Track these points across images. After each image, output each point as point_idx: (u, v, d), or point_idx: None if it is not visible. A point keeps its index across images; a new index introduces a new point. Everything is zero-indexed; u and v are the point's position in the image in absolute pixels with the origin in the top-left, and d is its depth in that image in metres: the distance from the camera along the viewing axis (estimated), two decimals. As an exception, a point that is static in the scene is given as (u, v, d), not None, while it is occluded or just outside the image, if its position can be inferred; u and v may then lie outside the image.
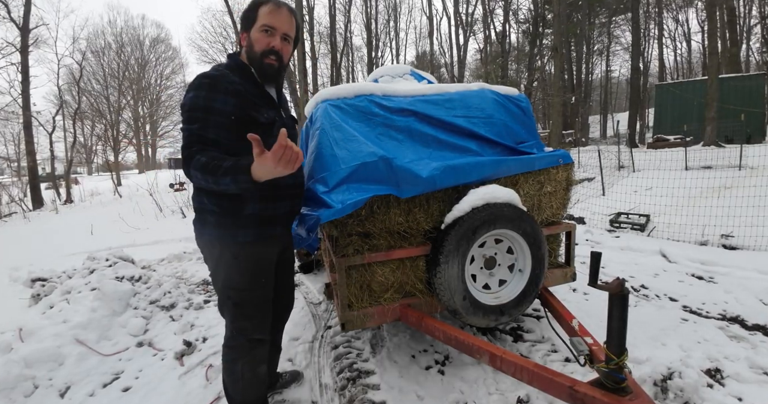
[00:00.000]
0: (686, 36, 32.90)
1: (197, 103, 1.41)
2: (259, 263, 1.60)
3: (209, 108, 1.40)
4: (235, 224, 1.51)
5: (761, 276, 3.40)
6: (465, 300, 1.98)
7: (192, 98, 1.41)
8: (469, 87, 2.48)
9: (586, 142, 24.05)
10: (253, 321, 1.63)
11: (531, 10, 27.59)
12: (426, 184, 1.92)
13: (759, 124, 14.98)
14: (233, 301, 1.58)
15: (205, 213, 1.53)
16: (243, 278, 1.56)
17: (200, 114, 1.40)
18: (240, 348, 1.63)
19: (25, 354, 2.36)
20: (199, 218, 1.57)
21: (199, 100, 1.41)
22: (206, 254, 1.61)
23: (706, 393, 1.89)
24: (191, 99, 1.41)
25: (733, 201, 5.23)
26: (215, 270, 1.60)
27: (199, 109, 1.40)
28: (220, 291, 1.60)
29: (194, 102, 1.41)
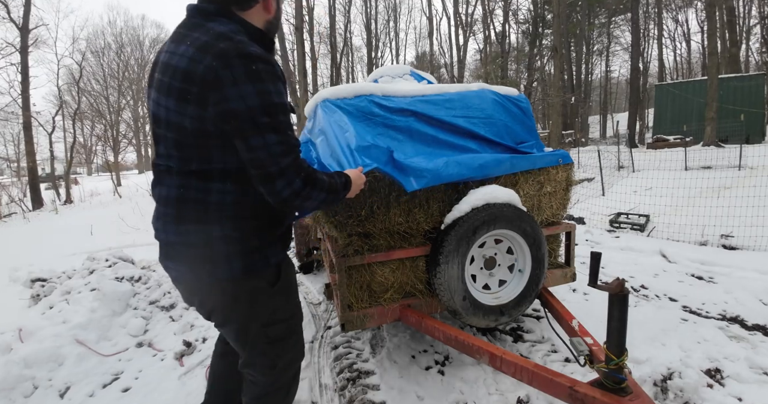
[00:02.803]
0: (686, 36, 32.91)
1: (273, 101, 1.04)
2: (292, 280, 1.37)
3: (284, 105, 1.08)
4: (264, 244, 1.21)
5: (761, 276, 3.40)
6: (465, 301, 1.98)
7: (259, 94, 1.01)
8: (468, 87, 2.48)
9: (586, 142, 24.05)
10: (299, 346, 1.39)
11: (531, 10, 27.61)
12: (431, 175, 1.91)
13: (759, 124, 14.98)
14: (276, 337, 1.29)
15: (219, 245, 1.13)
16: (286, 305, 1.32)
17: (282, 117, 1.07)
18: (291, 381, 1.39)
19: (25, 355, 2.36)
20: (205, 254, 1.14)
21: (272, 95, 1.04)
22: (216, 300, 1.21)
23: (706, 393, 1.89)
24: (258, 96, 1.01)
25: (732, 201, 5.24)
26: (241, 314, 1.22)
27: (279, 111, 1.06)
28: (255, 334, 1.26)
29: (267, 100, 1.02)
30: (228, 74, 0.98)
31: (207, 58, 0.99)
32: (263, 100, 1.01)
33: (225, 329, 1.29)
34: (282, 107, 1.06)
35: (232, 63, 0.98)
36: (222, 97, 0.99)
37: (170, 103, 1.06)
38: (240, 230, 1.15)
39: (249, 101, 1.00)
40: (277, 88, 1.05)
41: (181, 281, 1.23)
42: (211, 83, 0.99)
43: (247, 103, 1.00)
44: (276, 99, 1.04)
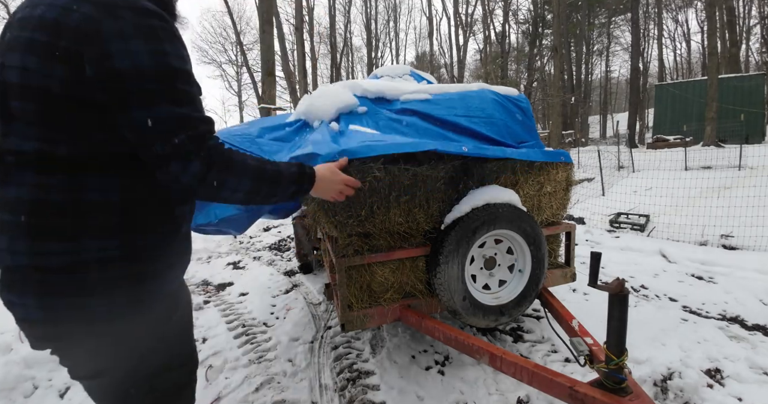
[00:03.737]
0: (686, 36, 32.95)
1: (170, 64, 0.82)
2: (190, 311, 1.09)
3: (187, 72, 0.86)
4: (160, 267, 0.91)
5: (761, 276, 3.40)
6: (465, 301, 1.98)
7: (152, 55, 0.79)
8: (469, 87, 2.48)
9: (586, 142, 24.06)
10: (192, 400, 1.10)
11: (531, 10, 27.63)
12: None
13: (758, 124, 14.99)
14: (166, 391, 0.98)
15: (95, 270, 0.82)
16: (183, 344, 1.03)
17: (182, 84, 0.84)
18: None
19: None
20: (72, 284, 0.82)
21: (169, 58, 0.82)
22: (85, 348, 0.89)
23: (706, 393, 1.89)
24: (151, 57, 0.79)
25: (732, 201, 5.24)
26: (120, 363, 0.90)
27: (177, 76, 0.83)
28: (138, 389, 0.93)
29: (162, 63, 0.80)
30: (112, 26, 0.76)
31: (85, 6, 0.76)
32: (157, 61, 0.79)
33: (94, 385, 0.95)
34: (183, 74, 0.84)
35: (119, 14, 0.77)
36: (102, 53, 0.76)
37: (30, 61, 0.77)
38: (127, 247, 0.85)
39: (138, 61, 0.77)
40: (178, 50, 0.84)
41: (32, 322, 0.86)
42: (88, 36, 0.75)
43: (135, 63, 0.77)
44: (175, 63, 0.82)
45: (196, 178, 0.85)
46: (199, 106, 0.89)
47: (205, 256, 4.98)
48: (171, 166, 0.83)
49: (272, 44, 10.50)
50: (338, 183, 1.27)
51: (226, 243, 5.65)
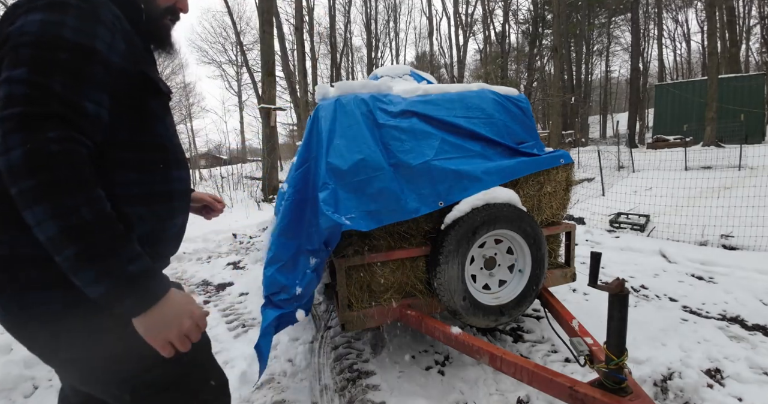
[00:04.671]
0: (686, 36, 32.95)
1: (56, 35, 0.73)
2: None
3: (87, 48, 0.75)
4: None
5: (761, 276, 3.40)
6: (465, 301, 1.99)
7: (41, 24, 0.73)
8: (469, 87, 2.49)
9: (586, 142, 24.06)
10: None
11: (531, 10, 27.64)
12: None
13: (759, 124, 14.99)
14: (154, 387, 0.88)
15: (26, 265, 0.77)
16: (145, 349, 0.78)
17: (66, 55, 0.72)
18: None
19: (25, 355, 2.36)
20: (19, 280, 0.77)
21: (64, 29, 0.73)
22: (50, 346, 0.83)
23: (706, 394, 1.89)
24: (40, 25, 0.72)
25: (733, 201, 5.24)
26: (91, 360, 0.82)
27: (62, 47, 0.72)
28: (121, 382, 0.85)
29: (48, 32, 0.72)
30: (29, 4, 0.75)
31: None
32: (45, 29, 0.72)
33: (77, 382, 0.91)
34: (75, 46, 0.73)
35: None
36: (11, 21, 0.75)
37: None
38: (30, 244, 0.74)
39: (26, 27, 0.72)
40: (85, 26, 0.75)
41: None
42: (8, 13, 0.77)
43: (23, 28, 0.72)
44: (67, 33, 0.73)
45: (8, 170, 0.66)
46: (79, 85, 0.72)
47: (205, 256, 4.98)
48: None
49: (272, 44, 10.50)
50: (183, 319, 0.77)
51: (226, 244, 5.65)
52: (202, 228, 6.77)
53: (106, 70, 0.78)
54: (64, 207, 0.66)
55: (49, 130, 0.67)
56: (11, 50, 0.71)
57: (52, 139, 0.67)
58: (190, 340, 0.78)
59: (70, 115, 0.70)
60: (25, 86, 0.68)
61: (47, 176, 0.66)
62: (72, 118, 0.70)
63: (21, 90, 0.68)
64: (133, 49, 0.86)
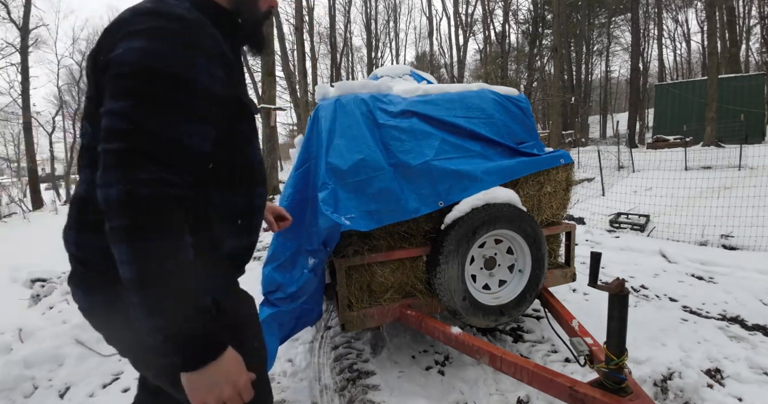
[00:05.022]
0: (686, 36, 32.94)
1: (160, 66, 0.71)
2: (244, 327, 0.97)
3: (186, 79, 0.73)
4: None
5: (761, 276, 3.40)
6: (465, 301, 1.99)
7: (143, 53, 0.71)
8: (469, 87, 2.49)
9: (586, 142, 24.06)
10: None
11: (531, 10, 27.64)
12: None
13: (759, 124, 14.99)
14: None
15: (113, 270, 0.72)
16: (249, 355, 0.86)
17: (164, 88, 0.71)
18: None
19: (25, 355, 2.36)
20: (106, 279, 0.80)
21: (164, 59, 0.71)
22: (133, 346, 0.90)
23: (706, 394, 1.89)
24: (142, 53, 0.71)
25: (733, 201, 5.23)
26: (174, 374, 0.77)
27: (162, 79, 0.71)
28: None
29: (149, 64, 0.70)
30: (132, 27, 0.73)
31: (126, 13, 0.77)
32: (143, 59, 0.70)
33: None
34: (174, 80, 0.71)
35: (141, 17, 0.74)
36: (110, 50, 0.74)
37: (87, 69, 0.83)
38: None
39: (126, 56, 0.70)
40: (181, 54, 0.73)
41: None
42: (110, 34, 0.76)
43: (122, 58, 0.71)
44: (166, 64, 0.71)
45: (103, 201, 0.67)
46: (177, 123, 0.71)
47: (205, 256, 4.98)
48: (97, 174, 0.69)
49: (272, 44, 10.50)
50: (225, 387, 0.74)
51: (226, 244, 5.65)
52: (202, 228, 6.78)
53: (206, 101, 0.76)
54: (144, 253, 0.66)
55: (143, 170, 0.67)
56: (113, 79, 0.71)
57: (144, 182, 0.67)
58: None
59: (166, 155, 0.70)
60: (124, 121, 0.68)
61: (135, 220, 0.66)
62: (167, 158, 0.70)
63: (120, 124, 0.68)
64: (230, 73, 0.84)
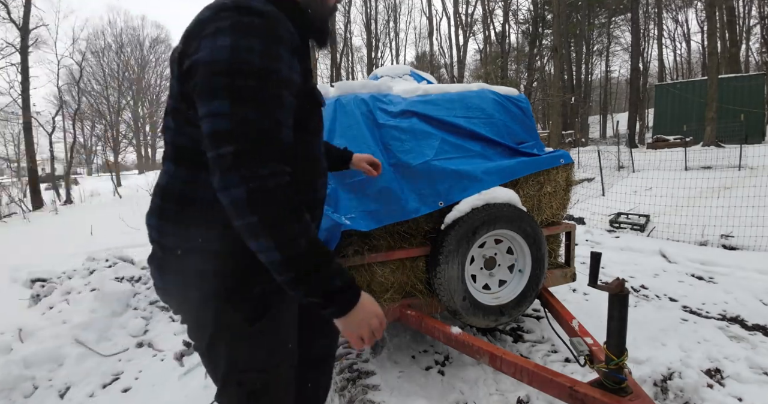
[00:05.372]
0: (686, 36, 32.94)
1: (251, 60, 0.73)
2: (286, 323, 1.01)
3: (275, 72, 0.76)
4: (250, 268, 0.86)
5: (761, 276, 3.40)
6: (465, 301, 1.98)
7: (230, 50, 0.73)
8: (469, 87, 2.48)
9: (586, 142, 24.05)
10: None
11: (530, 10, 27.63)
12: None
13: (759, 124, 14.98)
14: (252, 389, 0.96)
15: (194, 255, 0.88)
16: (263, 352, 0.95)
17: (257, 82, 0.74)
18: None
19: (25, 355, 2.36)
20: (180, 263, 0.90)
21: (253, 54, 0.73)
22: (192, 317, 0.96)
23: (706, 394, 1.89)
24: (229, 51, 0.73)
25: (733, 201, 5.23)
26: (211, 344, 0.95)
27: (253, 73, 0.73)
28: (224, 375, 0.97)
29: (238, 58, 0.72)
30: (213, 24, 0.75)
31: (205, 12, 0.79)
32: (234, 55, 0.72)
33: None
34: (264, 73, 0.74)
35: (223, 14, 0.76)
36: (195, 49, 0.76)
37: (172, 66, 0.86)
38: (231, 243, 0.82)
39: (216, 54, 0.72)
40: (270, 49, 0.75)
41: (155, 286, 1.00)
42: (192, 35, 0.78)
43: (213, 56, 0.73)
44: (255, 59, 0.73)
45: (233, 203, 0.72)
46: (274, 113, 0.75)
47: (205, 256, 4.98)
48: (215, 178, 0.73)
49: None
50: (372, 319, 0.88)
51: (226, 244, 5.64)
52: (202, 228, 6.77)
53: (290, 92, 0.80)
54: (285, 239, 0.74)
55: (260, 167, 0.72)
56: (205, 79, 0.73)
57: (266, 176, 0.72)
58: (375, 336, 0.89)
59: (274, 147, 0.74)
60: (229, 121, 0.71)
61: (268, 212, 0.72)
62: (275, 149, 0.75)
63: (225, 125, 0.71)
64: (305, 64, 0.87)
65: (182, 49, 0.80)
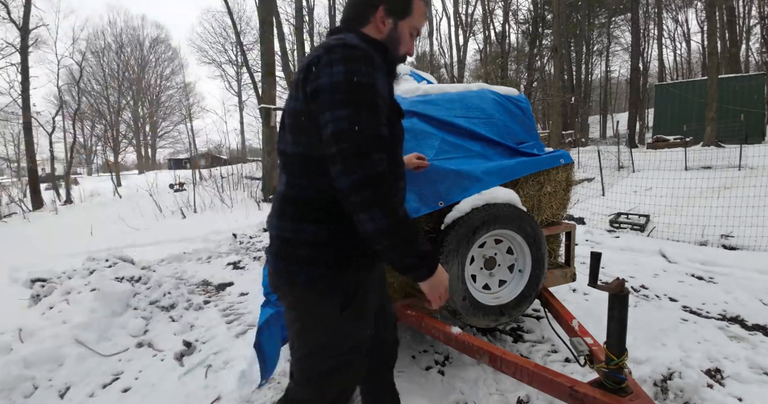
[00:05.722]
0: (686, 36, 32.94)
1: (358, 80, 0.97)
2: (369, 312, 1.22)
3: (374, 88, 1.00)
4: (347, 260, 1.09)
5: (761, 276, 3.40)
6: (465, 301, 1.98)
7: (345, 74, 0.96)
8: (469, 87, 2.48)
9: (586, 142, 24.05)
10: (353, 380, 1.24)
11: (531, 10, 27.62)
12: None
13: (759, 124, 14.98)
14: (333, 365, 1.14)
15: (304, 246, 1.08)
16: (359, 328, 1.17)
17: (366, 96, 0.98)
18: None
19: (25, 355, 2.36)
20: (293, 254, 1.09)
21: (360, 75, 0.97)
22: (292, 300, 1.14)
23: (706, 393, 1.89)
24: (345, 75, 0.96)
25: (733, 201, 5.24)
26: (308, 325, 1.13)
27: (363, 88, 0.97)
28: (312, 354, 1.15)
29: (352, 79, 0.96)
30: (327, 58, 1.00)
31: (318, 50, 1.04)
32: (348, 77, 0.97)
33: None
34: (368, 88, 0.98)
35: (334, 50, 1.01)
36: (315, 76, 1.00)
37: (292, 91, 1.11)
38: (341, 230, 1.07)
39: (335, 77, 0.97)
40: (370, 71, 1.00)
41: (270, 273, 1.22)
42: (310, 66, 1.03)
43: (332, 79, 0.97)
44: (363, 79, 0.98)
45: (351, 187, 0.94)
46: (373, 117, 0.98)
47: (205, 256, 4.99)
48: (335, 168, 0.96)
49: (272, 44, 10.50)
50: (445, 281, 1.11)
51: (226, 244, 5.65)
52: (202, 228, 6.77)
53: (383, 102, 1.03)
54: (390, 209, 0.96)
55: (373, 156, 0.95)
56: (328, 96, 0.96)
57: (376, 162, 0.95)
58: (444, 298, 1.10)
59: (378, 142, 0.97)
60: (347, 123, 0.94)
61: (378, 189, 0.94)
62: (379, 143, 0.97)
63: (345, 126, 0.94)
64: (390, 84, 1.13)
65: (303, 77, 1.03)
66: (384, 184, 0.95)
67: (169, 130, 41.15)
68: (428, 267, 1.05)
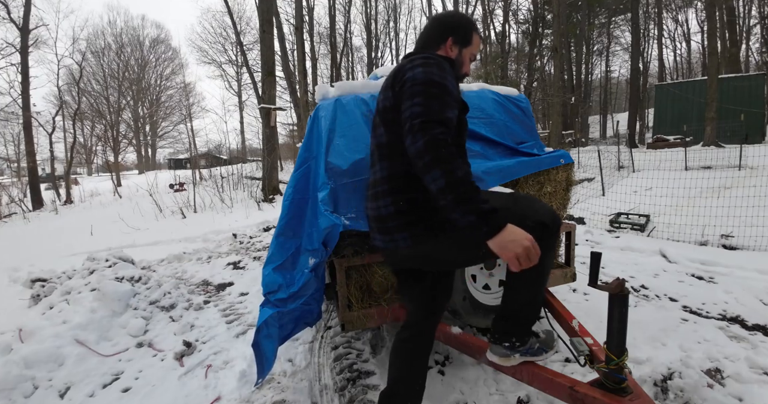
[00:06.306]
0: (686, 36, 32.91)
1: (432, 78, 1.26)
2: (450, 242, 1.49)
3: (445, 85, 1.27)
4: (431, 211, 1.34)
5: (761, 276, 3.40)
6: (465, 301, 1.98)
7: (423, 73, 1.27)
8: (469, 87, 2.48)
9: (586, 142, 24.05)
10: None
11: (531, 10, 27.60)
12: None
13: (759, 124, 14.98)
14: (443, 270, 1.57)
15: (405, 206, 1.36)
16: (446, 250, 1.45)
17: (437, 90, 1.24)
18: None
19: (25, 355, 2.36)
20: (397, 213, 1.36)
21: (434, 75, 1.27)
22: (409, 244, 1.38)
23: (707, 393, 1.89)
24: (423, 73, 1.27)
25: (733, 201, 5.23)
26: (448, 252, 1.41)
27: (436, 84, 1.25)
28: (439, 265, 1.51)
29: (428, 77, 1.26)
30: (410, 64, 1.33)
31: (404, 61, 1.40)
32: (425, 76, 1.26)
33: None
34: (438, 84, 1.25)
35: (416, 60, 1.34)
36: (402, 75, 1.33)
37: (383, 91, 1.43)
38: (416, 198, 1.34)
39: (416, 76, 1.27)
40: (443, 74, 1.29)
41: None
42: (398, 73, 1.36)
43: (414, 76, 1.28)
44: (436, 77, 1.26)
45: (417, 152, 1.15)
46: (442, 106, 1.23)
47: (205, 256, 4.98)
48: (407, 138, 1.20)
49: (272, 44, 10.50)
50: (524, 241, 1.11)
51: (226, 244, 5.65)
52: (202, 228, 6.77)
53: (452, 97, 1.28)
54: (448, 169, 1.11)
55: (435, 128, 1.16)
56: (410, 88, 1.26)
57: (438, 133, 1.15)
58: (531, 260, 1.12)
59: (443, 121, 1.19)
60: (421, 107, 1.21)
61: (439, 152, 1.13)
62: (444, 122, 1.20)
63: (419, 109, 1.21)
64: (457, 86, 1.38)
65: (392, 82, 1.37)
66: (442, 149, 1.13)
67: (169, 130, 41.16)
68: (489, 225, 1.11)
